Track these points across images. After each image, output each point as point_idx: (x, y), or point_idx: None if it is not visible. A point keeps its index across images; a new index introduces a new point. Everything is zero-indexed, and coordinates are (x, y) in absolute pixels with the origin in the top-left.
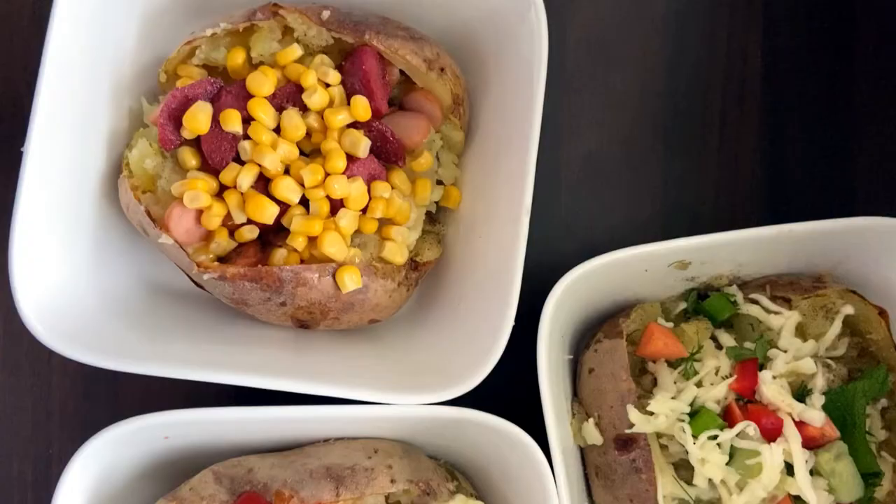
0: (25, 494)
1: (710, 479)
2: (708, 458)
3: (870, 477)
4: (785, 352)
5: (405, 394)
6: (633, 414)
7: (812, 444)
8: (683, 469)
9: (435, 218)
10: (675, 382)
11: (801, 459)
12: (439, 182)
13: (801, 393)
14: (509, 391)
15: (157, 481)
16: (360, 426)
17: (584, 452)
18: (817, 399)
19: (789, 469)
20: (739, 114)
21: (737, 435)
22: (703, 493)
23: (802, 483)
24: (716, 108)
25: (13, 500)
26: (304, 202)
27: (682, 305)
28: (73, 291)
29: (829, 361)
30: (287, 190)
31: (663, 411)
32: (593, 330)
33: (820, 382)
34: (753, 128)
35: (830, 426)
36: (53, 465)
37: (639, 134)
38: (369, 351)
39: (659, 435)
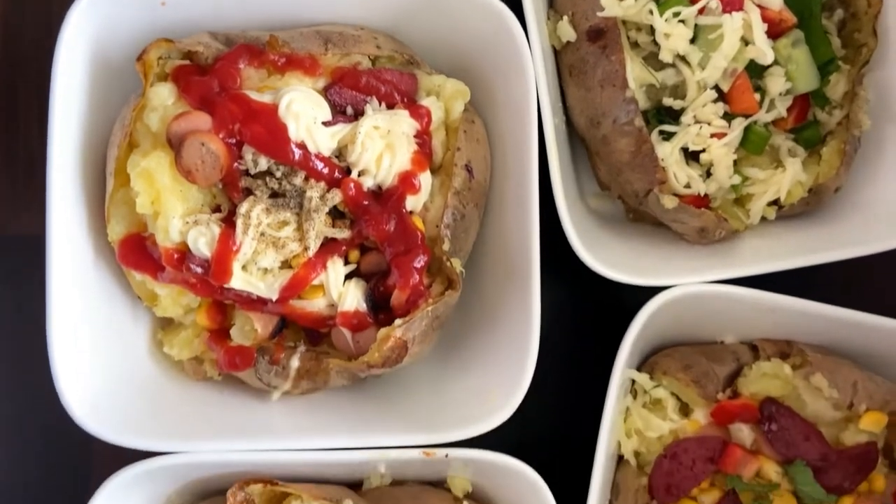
0: None
1: (674, 65)
2: (672, 33)
3: (825, 66)
4: None
5: None
6: None
7: (770, 30)
8: (652, 59)
9: None
10: None
11: (759, 25)
12: None
13: None
14: None
15: None
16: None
17: (559, 58)
18: None
19: None
20: None
21: (700, 12)
22: (669, 78)
23: (760, 41)
24: None
25: None
26: None
27: None
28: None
29: None
30: None
31: None
32: None
33: None
34: None
35: (788, 12)
36: None
37: None
38: None
39: (628, 29)
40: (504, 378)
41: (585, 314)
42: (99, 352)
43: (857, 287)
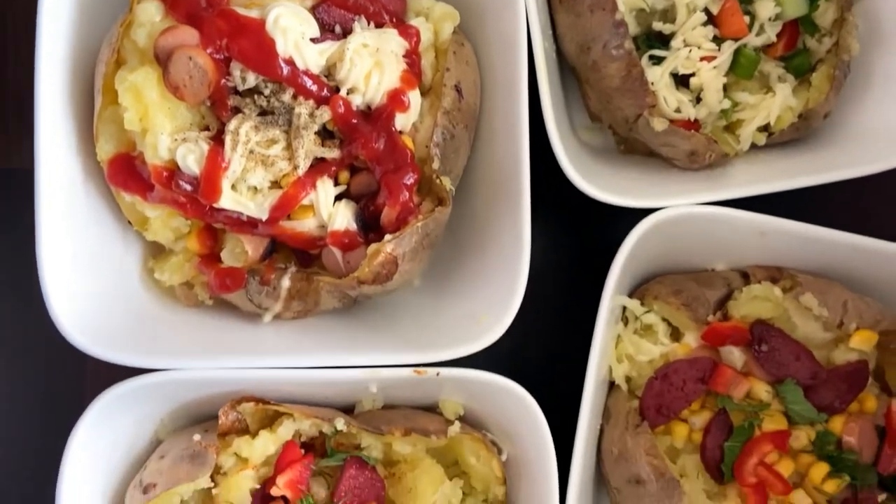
0: None
1: None
2: None
3: None
4: None
5: None
6: None
7: None
8: None
9: None
10: None
11: None
12: None
13: None
14: None
15: None
16: None
17: None
18: None
19: None
20: None
21: None
22: (658, 2)
23: None
24: None
25: None
26: None
27: None
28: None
29: None
30: None
31: None
32: None
33: None
34: None
35: None
36: None
37: None
38: None
39: None
40: (495, 299)
41: (578, 242)
42: (90, 275)
43: (846, 211)
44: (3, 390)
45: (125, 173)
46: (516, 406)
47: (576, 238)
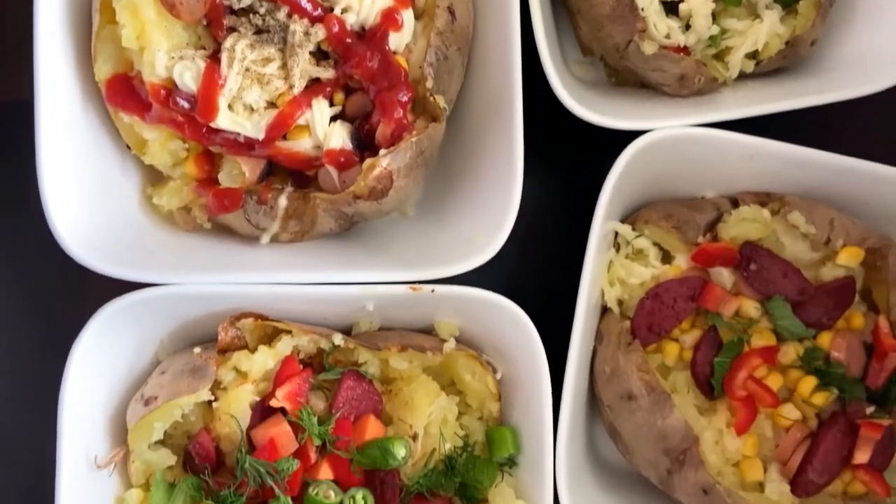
0: None
1: None
2: None
3: None
4: None
5: None
6: None
7: None
8: None
9: None
10: None
11: None
12: None
13: None
14: None
15: None
16: None
17: None
18: None
19: None
20: None
21: None
22: None
23: None
24: None
25: None
26: None
27: None
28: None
29: None
30: None
31: None
32: None
33: None
34: None
35: None
36: None
37: None
38: None
39: None
40: (489, 219)
41: (573, 177)
42: (90, 199)
43: (833, 136)
44: (5, 308)
45: (123, 93)
46: (509, 323)
47: (571, 172)
